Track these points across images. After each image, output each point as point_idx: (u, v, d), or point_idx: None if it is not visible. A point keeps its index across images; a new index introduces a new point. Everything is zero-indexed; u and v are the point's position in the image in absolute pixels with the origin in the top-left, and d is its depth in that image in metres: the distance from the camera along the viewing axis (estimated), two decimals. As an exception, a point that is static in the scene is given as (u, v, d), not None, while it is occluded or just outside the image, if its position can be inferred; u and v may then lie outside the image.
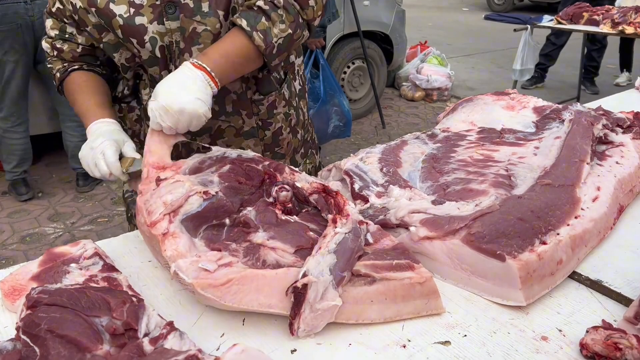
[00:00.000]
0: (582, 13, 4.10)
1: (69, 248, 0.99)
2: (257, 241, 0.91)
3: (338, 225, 0.90)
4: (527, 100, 1.60)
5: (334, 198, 0.97)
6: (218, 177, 1.02)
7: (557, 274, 0.97)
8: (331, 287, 0.83)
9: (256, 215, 0.95)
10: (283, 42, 1.19)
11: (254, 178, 1.04)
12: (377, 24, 5.16)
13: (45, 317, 0.76)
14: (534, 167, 1.24)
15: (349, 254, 0.87)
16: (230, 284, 0.81)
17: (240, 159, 1.07)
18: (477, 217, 1.02)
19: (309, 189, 1.01)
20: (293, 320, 0.82)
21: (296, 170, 1.09)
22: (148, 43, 1.21)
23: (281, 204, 0.99)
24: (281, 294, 0.83)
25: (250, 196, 1.01)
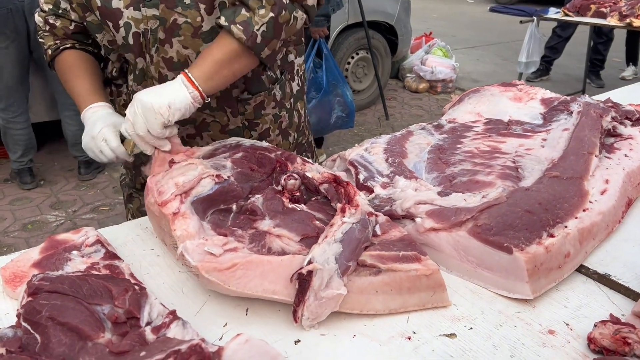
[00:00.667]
0: (590, 5, 4.06)
1: (70, 235, 0.98)
2: (263, 228, 0.90)
3: (346, 215, 0.89)
4: (535, 91, 1.58)
5: (345, 188, 0.96)
6: (231, 162, 1.02)
7: (564, 267, 0.96)
8: (336, 275, 0.82)
9: (263, 203, 0.94)
10: (267, 28, 1.11)
11: (266, 166, 1.03)
12: (382, 14, 5.12)
13: (46, 305, 0.75)
14: (541, 159, 1.22)
15: (355, 244, 0.86)
16: (235, 269, 0.80)
17: (254, 147, 1.07)
18: (484, 208, 1.01)
19: (319, 178, 1.00)
20: (297, 308, 0.81)
21: (308, 160, 1.08)
22: (122, 28, 1.20)
23: (289, 192, 0.98)
24: (286, 280, 0.82)
25: (260, 183, 1.00)
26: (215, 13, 1.18)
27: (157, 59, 1.23)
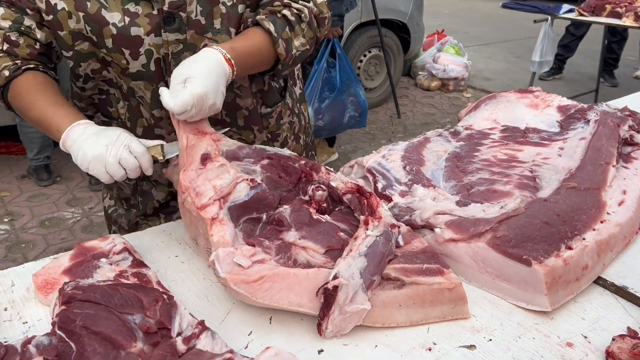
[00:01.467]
0: (605, 5, 4.03)
1: (98, 242, 1.00)
2: (289, 240, 0.92)
3: (370, 228, 0.91)
4: (552, 98, 1.59)
5: (368, 199, 0.98)
6: (260, 167, 1.04)
7: (582, 279, 0.98)
8: (361, 290, 0.84)
9: (290, 214, 0.96)
10: (299, 55, 1.20)
11: (292, 175, 1.05)
12: (395, 12, 5.11)
13: (79, 314, 0.78)
14: (558, 169, 1.23)
15: (379, 258, 0.88)
16: (263, 281, 0.82)
17: (278, 155, 1.09)
18: (502, 220, 1.02)
19: (343, 188, 1.02)
20: (322, 321, 0.83)
21: (331, 170, 1.10)
22: (143, 55, 1.14)
23: (316, 203, 1.00)
24: (311, 293, 0.84)
25: (288, 193, 1.02)
26: None
27: None
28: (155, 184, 1.35)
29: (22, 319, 0.89)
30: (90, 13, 1.09)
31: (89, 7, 1.08)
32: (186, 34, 1.14)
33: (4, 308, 0.91)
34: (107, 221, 1.51)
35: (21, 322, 0.88)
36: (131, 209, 1.42)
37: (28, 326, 0.88)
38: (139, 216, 1.41)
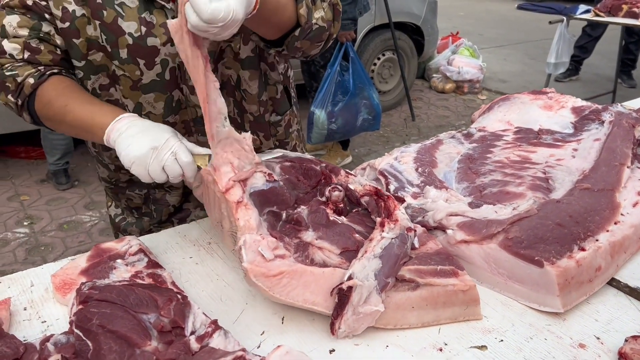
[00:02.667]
0: (621, 5, 3.99)
1: (114, 244, 1.03)
2: (307, 239, 0.93)
3: (385, 230, 0.92)
4: (566, 100, 1.58)
5: (385, 201, 0.98)
6: (280, 168, 1.06)
7: (595, 280, 0.97)
8: (375, 292, 0.85)
9: (308, 215, 0.98)
10: (316, 30, 1.13)
11: (312, 178, 1.07)
12: (409, 15, 5.11)
13: (96, 313, 0.80)
14: (572, 170, 1.23)
15: (394, 260, 0.89)
16: (281, 277, 0.84)
17: (300, 159, 1.11)
18: (514, 221, 1.02)
19: (361, 191, 1.03)
20: (335, 321, 0.84)
21: (351, 173, 1.11)
22: (158, 65, 1.13)
23: (333, 203, 1.01)
24: (326, 292, 0.85)
25: (305, 195, 1.04)
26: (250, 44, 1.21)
27: None
28: (169, 190, 1.35)
29: (41, 319, 0.91)
30: (107, 22, 1.08)
31: (105, 16, 1.08)
32: None
33: (24, 308, 0.93)
34: (115, 230, 1.48)
35: (40, 322, 0.90)
36: (143, 217, 1.41)
37: (46, 325, 0.90)
38: (153, 224, 1.41)
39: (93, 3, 1.07)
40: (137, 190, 1.36)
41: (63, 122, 1.09)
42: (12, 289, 0.98)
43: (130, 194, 1.38)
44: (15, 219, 3.29)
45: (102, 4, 1.08)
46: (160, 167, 0.97)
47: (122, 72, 1.13)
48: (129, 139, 0.98)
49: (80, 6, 1.08)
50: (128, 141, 0.98)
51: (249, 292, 0.99)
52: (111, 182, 1.37)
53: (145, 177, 0.98)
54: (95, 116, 1.04)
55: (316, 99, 3.67)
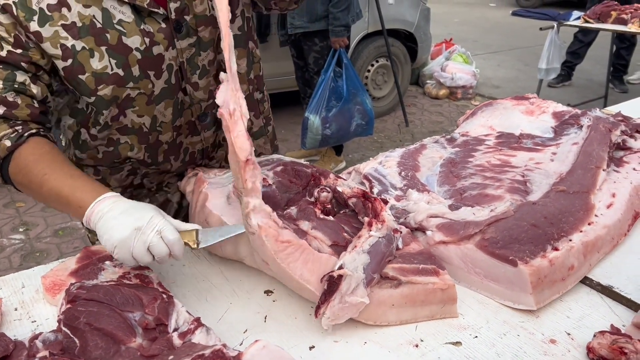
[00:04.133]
0: (610, 12, 4.04)
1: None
2: (303, 228, 0.98)
3: (373, 229, 0.96)
4: (547, 105, 1.62)
5: (372, 203, 1.02)
6: (273, 173, 1.12)
7: (568, 279, 1.00)
8: (362, 284, 0.89)
9: (297, 213, 1.02)
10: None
11: (302, 178, 1.13)
12: (402, 22, 5.16)
13: (84, 311, 0.83)
14: (550, 173, 1.26)
15: (380, 257, 0.93)
16: (289, 245, 0.89)
17: (293, 162, 1.17)
18: (491, 222, 1.05)
19: (349, 193, 1.06)
20: (321, 305, 0.88)
21: (340, 176, 1.15)
22: (165, 72, 1.13)
23: (321, 203, 1.05)
24: (320, 275, 0.90)
25: (295, 195, 1.08)
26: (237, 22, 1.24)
27: (206, 81, 1.21)
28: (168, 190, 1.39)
29: (31, 318, 0.94)
30: (112, 44, 1.06)
31: (109, 39, 1.06)
32: (198, 35, 1.14)
33: (15, 308, 0.96)
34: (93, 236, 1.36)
35: (30, 321, 0.93)
36: None
37: (36, 325, 0.93)
38: None
39: (94, 30, 1.05)
40: None
41: (39, 191, 1.01)
42: (4, 290, 1.01)
43: None
44: (10, 225, 3.31)
45: (103, 28, 1.05)
46: (145, 248, 0.90)
47: (138, 91, 1.12)
48: (111, 222, 0.92)
49: (79, 40, 1.04)
50: (110, 224, 0.91)
51: (233, 292, 1.02)
52: None
53: (129, 260, 0.91)
54: (76, 192, 0.97)
55: (310, 104, 3.71)
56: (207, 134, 1.31)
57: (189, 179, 1.25)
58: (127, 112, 1.15)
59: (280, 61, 4.46)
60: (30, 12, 1.01)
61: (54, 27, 1.02)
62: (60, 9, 1.03)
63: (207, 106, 1.27)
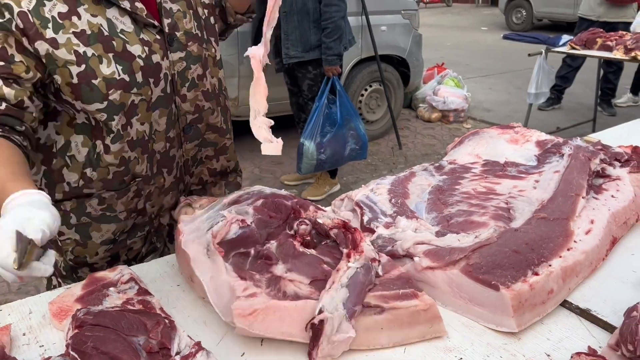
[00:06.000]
0: (596, 39, 4.18)
1: (108, 273, 1.11)
2: (277, 273, 1.01)
3: (351, 260, 1.01)
4: (531, 134, 1.70)
5: (352, 234, 1.07)
6: (253, 209, 1.14)
7: (548, 302, 1.06)
8: (345, 320, 0.93)
9: (277, 247, 1.06)
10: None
11: (282, 212, 1.16)
12: (394, 48, 5.29)
13: (90, 336, 0.88)
14: (532, 201, 1.33)
15: (359, 288, 0.98)
16: (257, 314, 0.92)
17: (274, 194, 1.20)
18: (475, 248, 1.12)
19: (330, 224, 1.12)
20: (312, 351, 0.92)
21: (321, 208, 1.21)
22: (162, 80, 1.25)
23: (300, 236, 1.10)
24: (301, 324, 0.93)
25: (275, 229, 1.12)
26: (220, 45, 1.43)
27: (194, 94, 1.33)
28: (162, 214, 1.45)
29: (39, 343, 0.99)
30: (118, 51, 1.16)
31: (116, 46, 1.16)
32: (187, 50, 1.29)
33: (23, 333, 1.01)
34: None
35: (38, 346, 0.98)
36: None
37: (44, 349, 0.97)
38: None
39: (102, 37, 1.15)
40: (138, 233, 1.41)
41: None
42: (12, 316, 1.06)
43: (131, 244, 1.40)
44: (8, 249, 3.34)
45: (109, 36, 1.16)
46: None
47: (140, 97, 1.22)
48: None
49: (89, 46, 1.14)
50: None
51: (231, 316, 1.07)
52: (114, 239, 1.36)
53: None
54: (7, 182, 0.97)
55: (305, 130, 3.80)
56: (189, 147, 1.40)
57: (181, 209, 1.30)
58: (132, 121, 1.24)
59: (276, 87, 4.55)
60: (45, 20, 1.11)
61: (67, 35, 1.12)
62: (70, 17, 1.13)
63: (193, 119, 1.37)
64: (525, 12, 12.84)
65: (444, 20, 15.54)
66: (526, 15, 12.85)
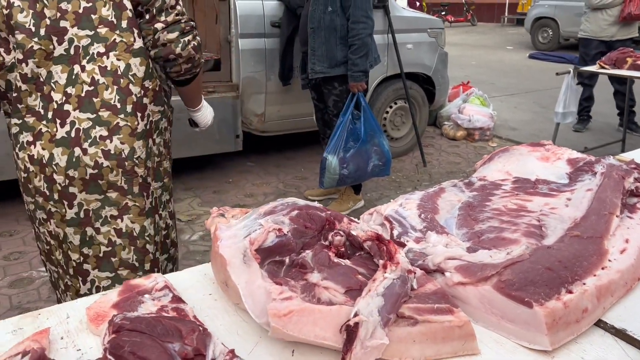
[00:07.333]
0: (626, 58, 4.13)
1: (143, 280, 1.13)
2: (313, 281, 1.03)
3: (387, 271, 1.01)
4: (562, 152, 1.68)
5: (387, 245, 1.08)
6: (289, 219, 1.16)
7: (582, 321, 1.05)
8: (379, 326, 0.93)
9: (312, 257, 1.08)
10: None
11: (317, 223, 1.17)
12: (420, 66, 5.31)
13: (128, 341, 0.90)
14: (564, 219, 1.32)
15: (395, 298, 0.98)
16: (291, 315, 0.93)
17: (307, 206, 1.21)
18: (507, 265, 1.11)
19: (363, 236, 1.13)
20: (345, 355, 0.93)
21: (354, 220, 1.22)
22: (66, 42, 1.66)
23: (335, 247, 1.11)
24: (334, 328, 0.94)
25: (311, 239, 1.14)
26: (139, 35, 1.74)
27: (92, 67, 1.67)
28: None
29: (76, 347, 1.01)
30: (38, 11, 1.62)
31: (37, 7, 1.63)
32: (96, 30, 1.66)
33: (61, 337, 1.04)
34: None
35: (75, 350, 1.00)
36: None
37: (81, 353, 0.99)
38: None
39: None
40: None
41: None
42: (50, 320, 1.09)
43: None
44: (39, 258, 3.41)
45: None
46: None
47: (39, 47, 1.63)
48: None
49: None
50: None
51: (262, 327, 1.08)
52: None
53: None
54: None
55: (329, 145, 3.82)
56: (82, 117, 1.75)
57: (213, 219, 1.32)
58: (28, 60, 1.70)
59: (301, 103, 4.61)
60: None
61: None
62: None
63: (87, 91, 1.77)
64: (552, 32, 12.77)
65: (469, 39, 15.54)
66: (552, 34, 12.78)
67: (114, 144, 1.71)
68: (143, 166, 1.80)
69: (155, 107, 1.82)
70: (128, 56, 1.70)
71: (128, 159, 1.74)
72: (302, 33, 3.94)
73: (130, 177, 1.77)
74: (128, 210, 1.80)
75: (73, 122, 1.69)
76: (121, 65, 1.69)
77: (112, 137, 1.70)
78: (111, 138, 1.70)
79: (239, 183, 4.80)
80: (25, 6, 1.62)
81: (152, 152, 1.83)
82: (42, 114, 1.69)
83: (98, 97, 1.69)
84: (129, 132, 1.72)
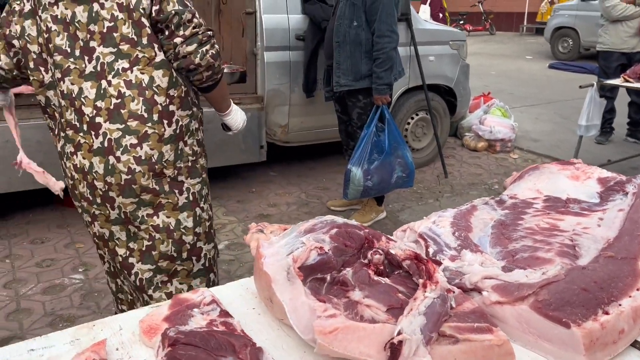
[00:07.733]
0: (651, 71, 4.12)
1: (191, 295, 1.18)
2: (355, 298, 1.07)
3: (428, 290, 1.05)
4: (592, 170, 1.70)
5: (425, 265, 1.12)
6: (329, 237, 1.20)
7: (619, 342, 1.07)
8: (422, 345, 0.97)
9: (352, 275, 1.12)
10: None
11: (356, 241, 1.21)
12: (442, 77, 5.34)
13: (184, 354, 0.95)
14: (597, 239, 1.34)
15: (436, 317, 1.02)
16: (337, 333, 0.97)
17: (346, 224, 1.25)
18: (543, 285, 1.14)
19: (402, 255, 1.17)
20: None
21: (392, 238, 1.26)
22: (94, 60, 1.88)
23: (374, 265, 1.15)
24: (378, 346, 0.98)
25: (350, 257, 1.18)
26: None
27: (118, 81, 1.80)
28: None
29: (132, 358, 1.06)
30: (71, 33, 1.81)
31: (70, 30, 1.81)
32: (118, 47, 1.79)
33: (116, 348, 1.09)
34: None
35: (130, 361, 1.06)
36: None
37: (136, 364, 1.05)
38: None
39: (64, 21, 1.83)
40: None
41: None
42: (105, 331, 1.14)
43: None
44: (71, 265, 3.51)
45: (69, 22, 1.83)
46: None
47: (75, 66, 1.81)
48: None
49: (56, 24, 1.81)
50: None
51: (305, 342, 1.12)
52: None
53: None
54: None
55: (353, 157, 3.86)
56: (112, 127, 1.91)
57: (252, 234, 1.37)
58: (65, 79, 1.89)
59: (324, 114, 4.67)
60: None
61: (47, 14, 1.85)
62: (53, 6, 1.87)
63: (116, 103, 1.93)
64: (572, 41, 12.69)
65: (488, 48, 15.51)
66: (573, 44, 12.70)
67: (144, 150, 1.85)
68: (172, 167, 1.95)
69: (183, 112, 1.94)
70: (151, 69, 1.82)
71: (157, 163, 1.91)
72: (327, 47, 3.99)
73: (159, 178, 1.93)
74: (162, 208, 1.99)
75: (105, 133, 1.83)
76: (145, 78, 1.82)
77: (142, 144, 1.84)
78: (141, 145, 1.84)
79: (262, 193, 4.86)
80: (61, 29, 1.78)
81: (184, 152, 1.98)
82: (78, 127, 1.84)
83: (125, 108, 1.82)
84: (156, 139, 1.86)
